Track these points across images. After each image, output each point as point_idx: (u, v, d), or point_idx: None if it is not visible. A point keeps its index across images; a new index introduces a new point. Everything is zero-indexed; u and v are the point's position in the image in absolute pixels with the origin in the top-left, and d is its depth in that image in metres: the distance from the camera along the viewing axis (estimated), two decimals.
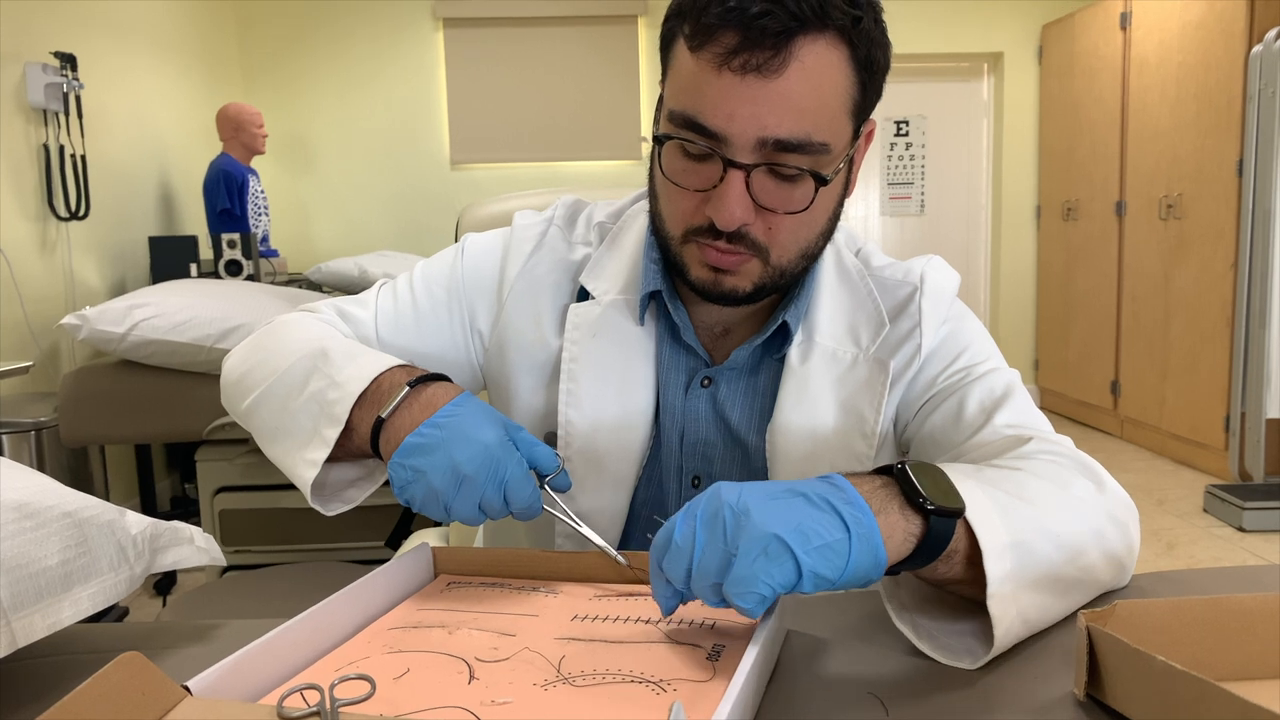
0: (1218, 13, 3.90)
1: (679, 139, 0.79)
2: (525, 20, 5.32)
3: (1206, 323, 4.03)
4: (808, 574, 0.58)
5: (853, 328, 0.93)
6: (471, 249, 1.01)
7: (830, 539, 0.59)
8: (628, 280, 0.94)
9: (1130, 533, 0.77)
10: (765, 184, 0.78)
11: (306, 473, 0.79)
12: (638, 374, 0.93)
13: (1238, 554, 3.16)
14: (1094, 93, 4.88)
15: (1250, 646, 0.61)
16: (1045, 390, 5.51)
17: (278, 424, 0.85)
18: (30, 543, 0.66)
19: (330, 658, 0.65)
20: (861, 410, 0.90)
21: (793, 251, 0.84)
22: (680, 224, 0.84)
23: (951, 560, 0.65)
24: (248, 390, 0.90)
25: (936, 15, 5.36)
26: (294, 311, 1.00)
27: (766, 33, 0.73)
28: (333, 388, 0.80)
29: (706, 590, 0.60)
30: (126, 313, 2.46)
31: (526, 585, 0.78)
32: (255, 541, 2.69)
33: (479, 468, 0.72)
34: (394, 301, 0.99)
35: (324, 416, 0.80)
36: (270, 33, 5.27)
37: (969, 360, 0.92)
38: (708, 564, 0.60)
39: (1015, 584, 0.64)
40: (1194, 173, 4.09)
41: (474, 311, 0.99)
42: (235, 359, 0.96)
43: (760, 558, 0.58)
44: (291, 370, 0.85)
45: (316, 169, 5.38)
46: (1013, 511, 0.67)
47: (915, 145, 5.69)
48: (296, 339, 0.90)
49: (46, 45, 3.30)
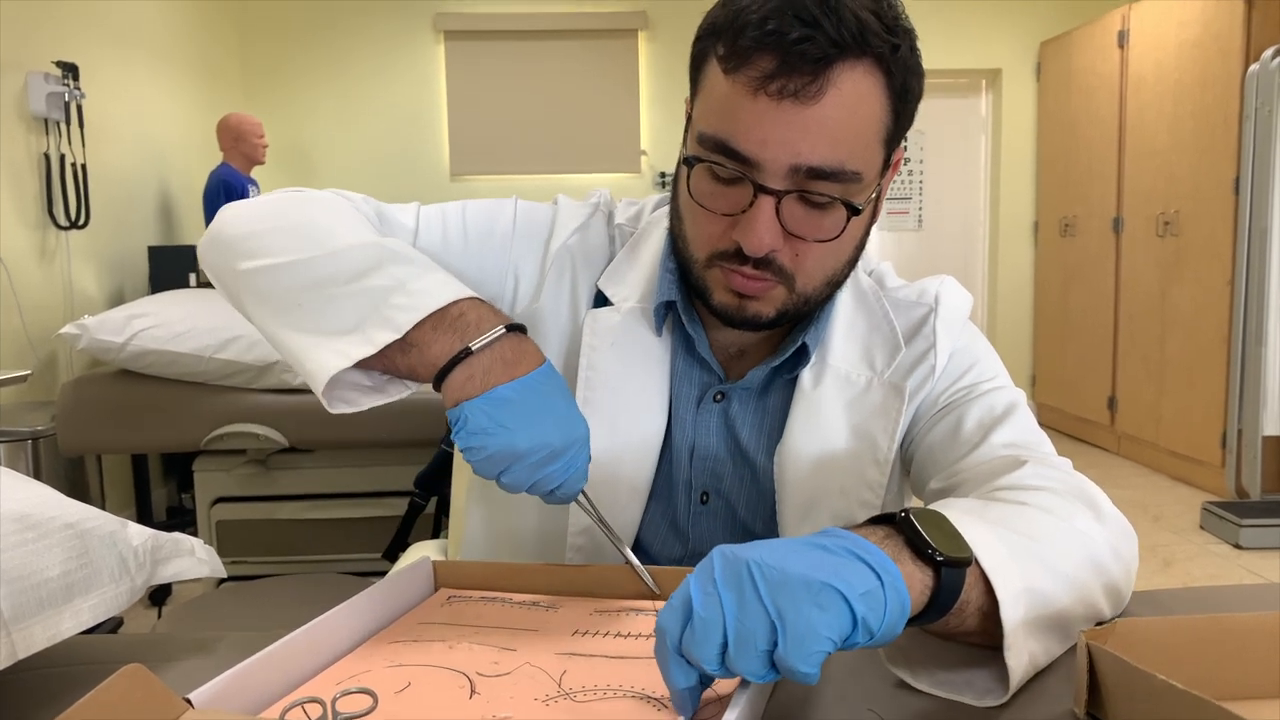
0: (1214, 32, 3.93)
1: (709, 162, 0.78)
2: (526, 33, 5.35)
3: (1203, 339, 4.04)
4: (860, 623, 0.52)
5: (867, 351, 0.92)
6: (524, 204, 0.99)
7: (869, 586, 0.53)
8: (644, 289, 0.93)
9: (1129, 562, 0.76)
10: (795, 211, 0.77)
11: (332, 360, 0.74)
12: (653, 385, 0.92)
13: (1235, 571, 3.16)
14: (1091, 110, 4.90)
15: (1250, 665, 0.61)
16: (1042, 406, 5.51)
17: (304, 302, 0.78)
18: (32, 554, 0.66)
19: (331, 671, 0.65)
20: (874, 436, 0.89)
21: (818, 279, 0.83)
22: (706, 247, 0.82)
23: (964, 612, 0.62)
24: (259, 251, 0.82)
25: (936, 32, 5.39)
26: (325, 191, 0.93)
27: (805, 58, 0.71)
28: (401, 292, 0.75)
29: (753, 661, 0.52)
30: (126, 322, 2.46)
31: (528, 600, 0.78)
32: (252, 552, 2.68)
33: (567, 444, 0.72)
34: (443, 225, 0.95)
35: (378, 318, 0.74)
36: (271, 43, 5.29)
37: (974, 378, 0.91)
38: (749, 630, 0.51)
39: (1028, 629, 0.63)
40: (1191, 190, 4.10)
41: (520, 263, 0.95)
42: (244, 214, 0.88)
43: (814, 609, 0.51)
44: (346, 255, 0.79)
45: (316, 179, 5.39)
46: (1022, 553, 0.65)
47: (914, 160, 5.71)
48: (344, 222, 0.85)
49: (48, 55, 3.31)
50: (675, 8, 5.32)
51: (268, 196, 0.91)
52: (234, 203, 0.90)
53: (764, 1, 0.73)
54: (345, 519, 2.69)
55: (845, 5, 0.72)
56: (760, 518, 0.93)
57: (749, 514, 0.94)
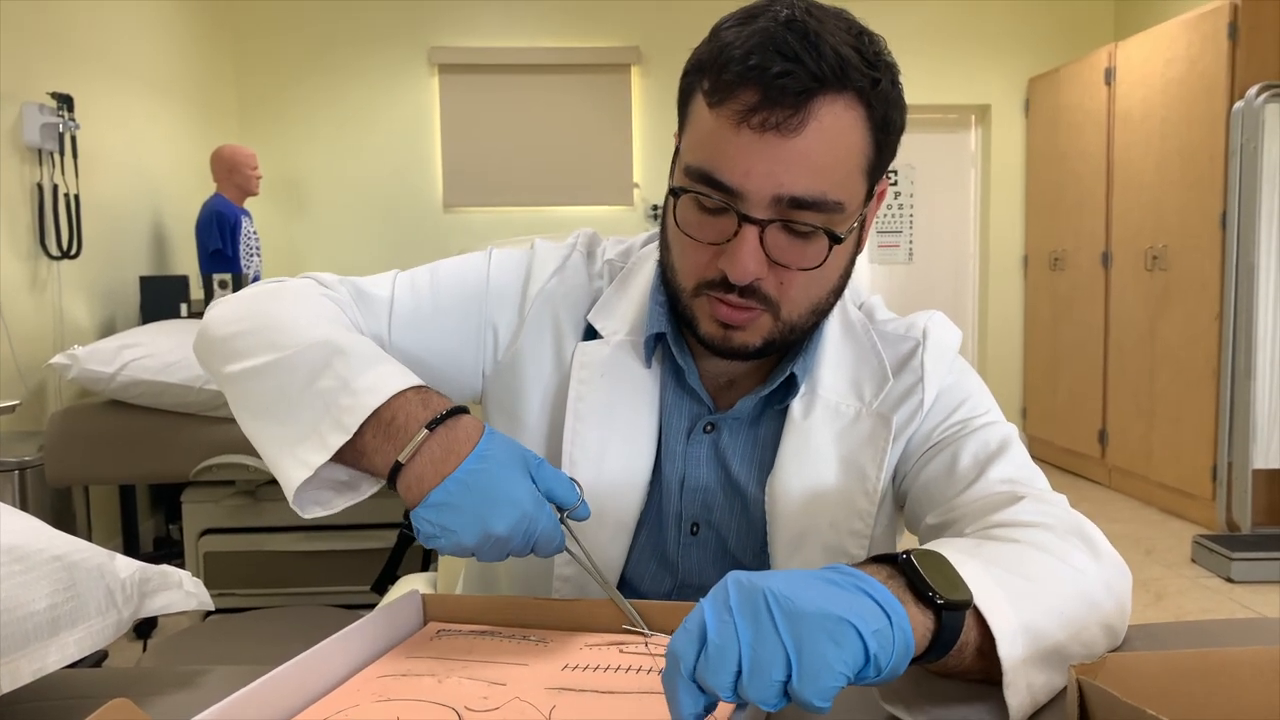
0: (1200, 70, 3.98)
1: (695, 192, 0.80)
2: (519, 67, 5.39)
3: (1192, 373, 4.06)
4: (873, 659, 0.53)
5: (856, 382, 0.92)
6: (498, 257, 0.99)
7: (880, 624, 0.54)
8: (635, 322, 0.94)
9: (1123, 600, 0.76)
10: (779, 240, 0.79)
11: (296, 472, 0.76)
12: (642, 417, 0.92)
13: (1226, 605, 3.15)
14: (1079, 145, 4.96)
15: (1241, 699, 0.61)
16: (1033, 439, 5.52)
17: (271, 407, 0.80)
18: (19, 586, 0.65)
19: (319, 705, 0.64)
20: (864, 467, 0.90)
21: (804, 307, 0.84)
22: (693, 277, 0.84)
23: (964, 652, 0.63)
24: (238, 354, 0.84)
25: (926, 68, 5.45)
26: (300, 278, 0.95)
27: (786, 92, 0.73)
28: (346, 393, 0.77)
29: (767, 690, 0.52)
30: (117, 352, 2.45)
31: (518, 634, 0.77)
32: (240, 584, 2.66)
33: (512, 529, 0.72)
34: (412, 292, 0.97)
35: (329, 420, 0.76)
36: (266, 76, 5.32)
37: (967, 413, 0.92)
38: (765, 660, 0.52)
39: (1027, 667, 0.63)
40: (1178, 225, 4.14)
41: (495, 318, 0.97)
42: (227, 311, 0.90)
43: (829, 643, 0.52)
44: (300, 356, 0.81)
45: (309, 211, 5.41)
46: (1018, 592, 0.66)
47: (904, 195, 5.75)
48: (307, 318, 0.86)
49: (44, 86, 3.32)
50: (668, 43, 5.37)
51: (248, 291, 0.93)
52: (221, 300, 0.93)
53: (747, 38, 0.75)
54: (334, 551, 2.68)
55: (826, 41, 0.74)
56: (750, 549, 0.93)
57: (739, 545, 0.93)
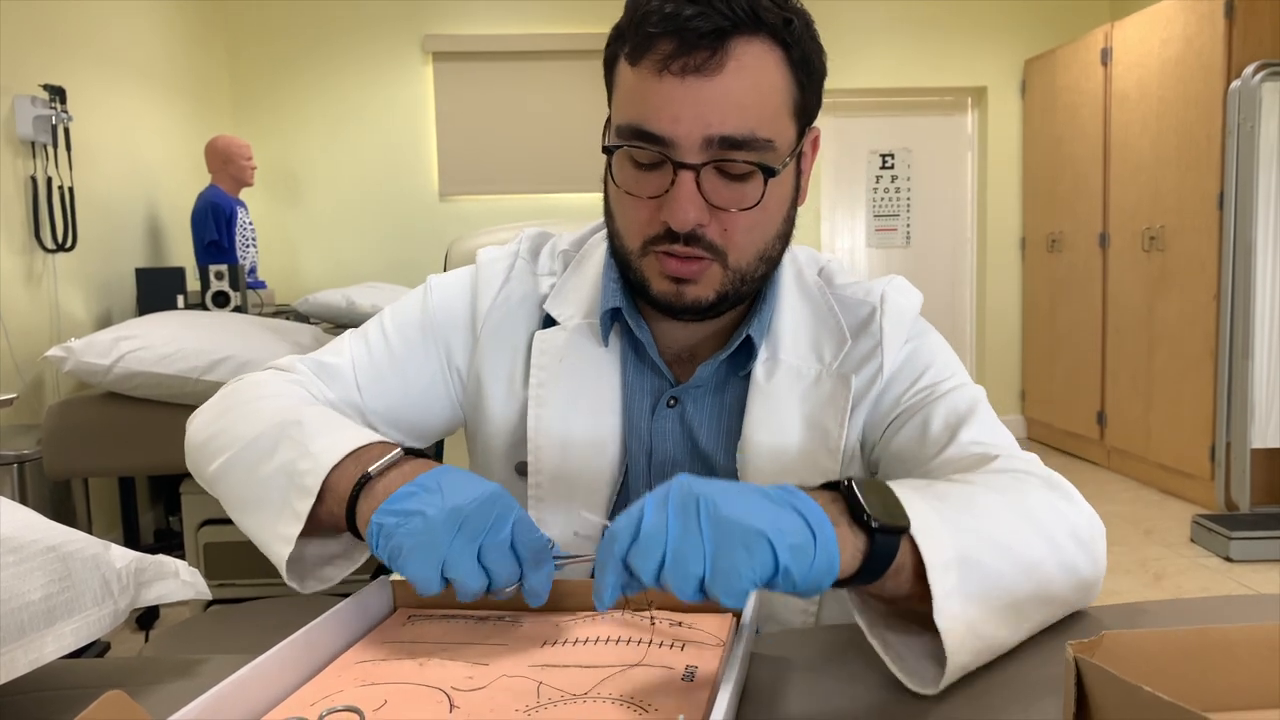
0: (1196, 49, 3.97)
1: (628, 147, 0.81)
2: (514, 54, 5.37)
3: (1190, 354, 4.06)
4: (783, 570, 0.58)
5: (815, 343, 0.94)
6: (439, 287, 1.01)
7: (800, 540, 0.59)
8: (590, 303, 0.95)
9: (1094, 549, 0.76)
10: (715, 183, 0.81)
11: (280, 549, 0.76)
12: (604, 396, 0.93)
13: (1225, 584, 3.17)
14: (1076, 127, 4.94)
15: (1239, 677, 0.61)
16: (1031, 421, 5.53)
17: (246, 494, 0.82)
18: (13, 577, 0.65)
19: (303, 692, 0.64)
20: (826, 426, 0.91)
21: (750, 253, 0.85)
22: (638, 235, 0.85)
23: (899, 577, 0.64)
24: (213, 455, 0.86)
25: (921, 50, 5.44)
26: (263, 370, 0.97)
27: (701, 34, 0.76)
28: (304, 457, 0.77)
29: (684, 582, 0.57)
30: (113, 344, 2.44)
31: (491, 614, 0.77)
32: (240, 575, 2.66)
33: (483, 506, 0.67)
34: (367, 349, 0.98)
35: (294, 488, 0.76)
36: (260, 65, 5.30)
37: (933, 378, 0.92)
38: (685, 555, 0.58)
39: (963, 599, 0.64)
40: (1175, 206, 4.14)
41: (450, 348, 0.99)
42: (201, 420, 0.92)
43: (742, 551, 0.57)
44: (262, 438, 0.82)
45: (305, 201, 5.39)
46: (960, 525, 0.67)
47: (901, 178, 5.74)
48: (267, 403, 0.87)
49: (35, 78, 3.31)
50: None
51: (218, 395, 0.95)
52: (198, 410, 0.94)
53: None
54: None
55: None
56: None
57: None
